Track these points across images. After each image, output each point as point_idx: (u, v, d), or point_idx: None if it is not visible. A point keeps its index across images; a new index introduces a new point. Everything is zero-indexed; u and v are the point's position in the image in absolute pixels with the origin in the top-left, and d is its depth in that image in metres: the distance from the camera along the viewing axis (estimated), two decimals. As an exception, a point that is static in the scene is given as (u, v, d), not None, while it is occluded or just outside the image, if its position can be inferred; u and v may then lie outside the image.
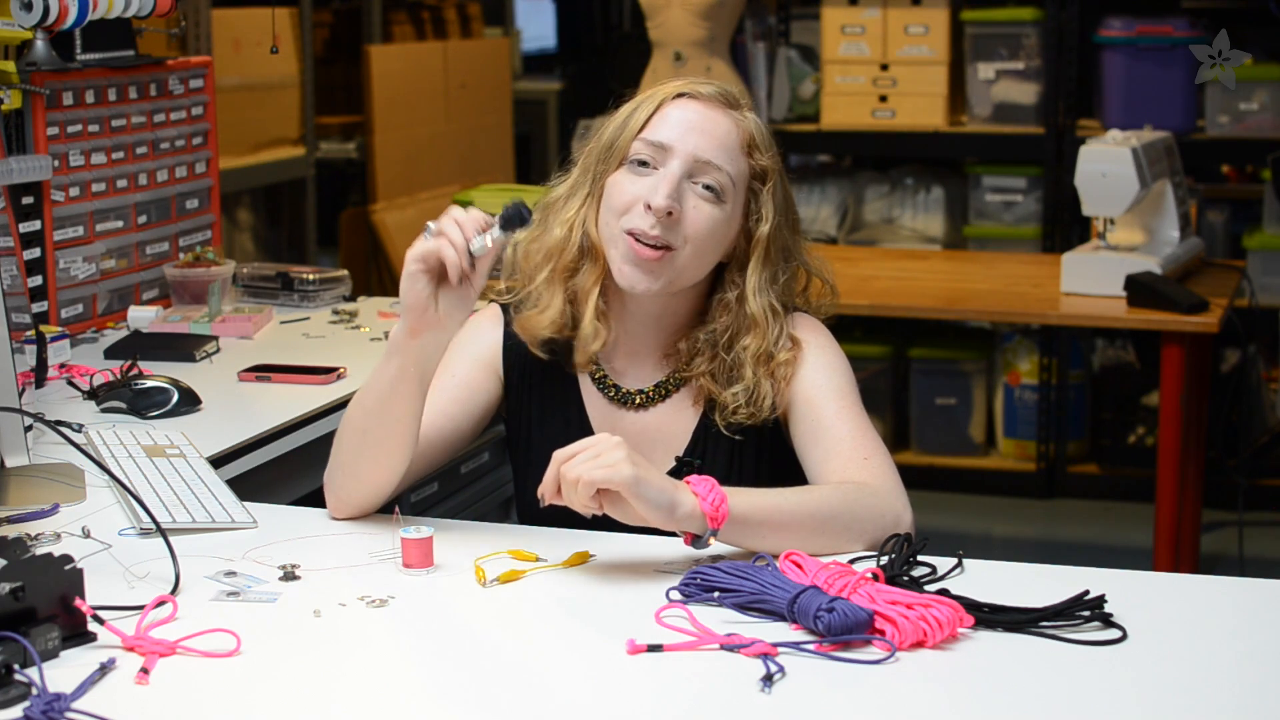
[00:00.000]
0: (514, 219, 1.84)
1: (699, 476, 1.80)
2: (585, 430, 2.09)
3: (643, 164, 2.02)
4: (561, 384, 2.13)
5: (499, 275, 2.18)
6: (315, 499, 2.07)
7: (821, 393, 2.03)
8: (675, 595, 1.71)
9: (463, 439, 2.13)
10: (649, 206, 1.98)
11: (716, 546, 1.82)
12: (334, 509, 2.01)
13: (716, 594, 1.69)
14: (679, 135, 2.01)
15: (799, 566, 1.72)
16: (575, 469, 1.76)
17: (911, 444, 5.26)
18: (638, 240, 1.99)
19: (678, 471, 2.04)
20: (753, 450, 2.07)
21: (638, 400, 2.10)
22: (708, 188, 2.01)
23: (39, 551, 1.77)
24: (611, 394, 2.11)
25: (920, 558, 1.81)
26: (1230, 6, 5.06)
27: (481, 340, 2.15)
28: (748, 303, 2.04)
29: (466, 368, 2.13)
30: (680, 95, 2.05)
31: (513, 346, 2.13)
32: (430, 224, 1.86)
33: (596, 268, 2.05)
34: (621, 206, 2.01)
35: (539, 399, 2.13)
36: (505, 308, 2.15)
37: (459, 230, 1.85)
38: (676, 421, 2.09)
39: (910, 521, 1.90)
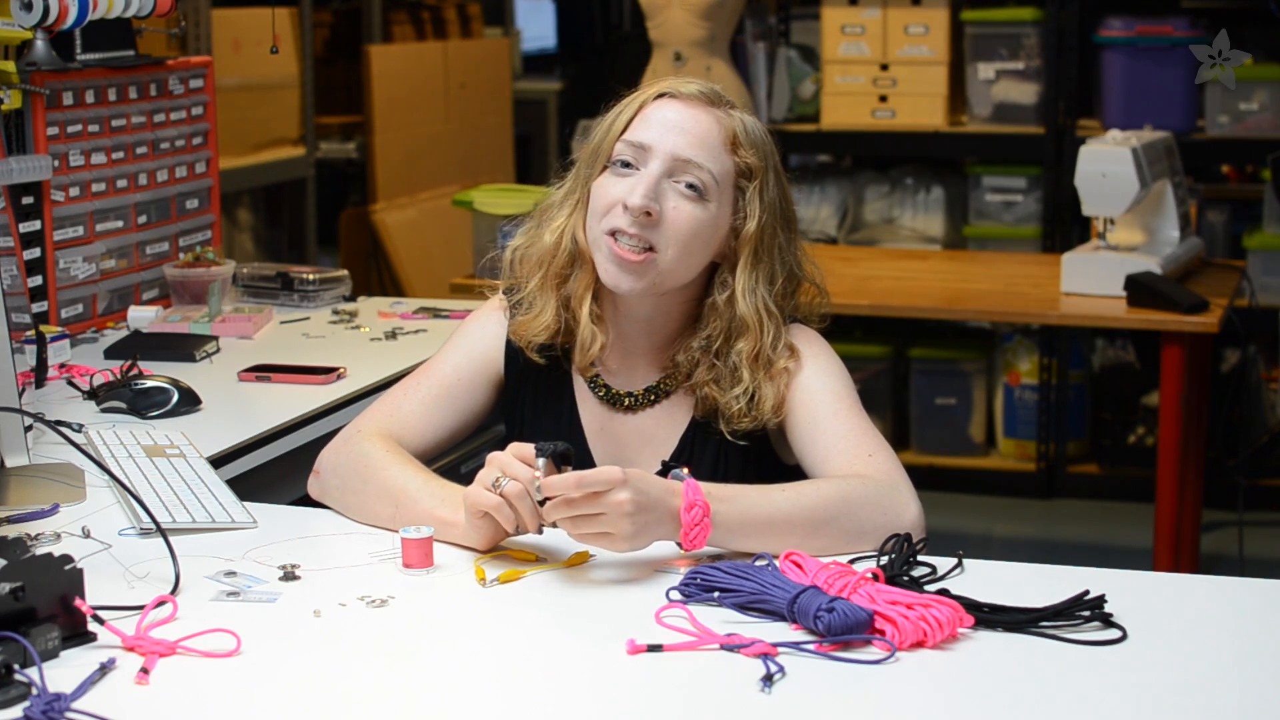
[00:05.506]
0: (558, 458, 1.78)
1: (691, 488, 1.78)
2: (576, 430, 2.09)
3: (626, 165, 2.01)
4: (557, 383, 2.13)
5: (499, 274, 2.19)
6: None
7: (819, 396, 2.01)
8: (675, 595, 1.70)
9: (455, 438, 2.14)
10: (626, 206, 1.98)
11: (716, 546, 1.82)
12: (315, 494, 2.06)
13: (716, 594, 1.68)
14: (659, 135, 2.00)
15: (799, 566, 1.72)
16: (577, 527, 1.75)
17: (911, 444, 5.25)
18: (618, 241, 1.99)
19: (663, 475, 2.03)
20: (738, 456, 2.06)
21: (628, 403, 2.10)
22: (690, 186, 1.99)
23: (39, 551, 1.76)
24: (603, 394, 2.11)
25: (920, 558, 1.81)
26: (1230, 6, 5.06)
27: (486, 335, 2.16)
28: (738, 304, 2.01)
29: (468, 366, 2.14)
30: (661, 95, 2.04)
31: (515, 342, 2.14)
32: (494, 477, 1.78)
33: (586, 274, 2.04)
34: (603, 208, 2.01)
35: (533, 397, 2.13)
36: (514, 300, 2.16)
37: (522, 488, 1.77)
38: (666, 425, 2.09)
39: (918, 515, 1.87)
